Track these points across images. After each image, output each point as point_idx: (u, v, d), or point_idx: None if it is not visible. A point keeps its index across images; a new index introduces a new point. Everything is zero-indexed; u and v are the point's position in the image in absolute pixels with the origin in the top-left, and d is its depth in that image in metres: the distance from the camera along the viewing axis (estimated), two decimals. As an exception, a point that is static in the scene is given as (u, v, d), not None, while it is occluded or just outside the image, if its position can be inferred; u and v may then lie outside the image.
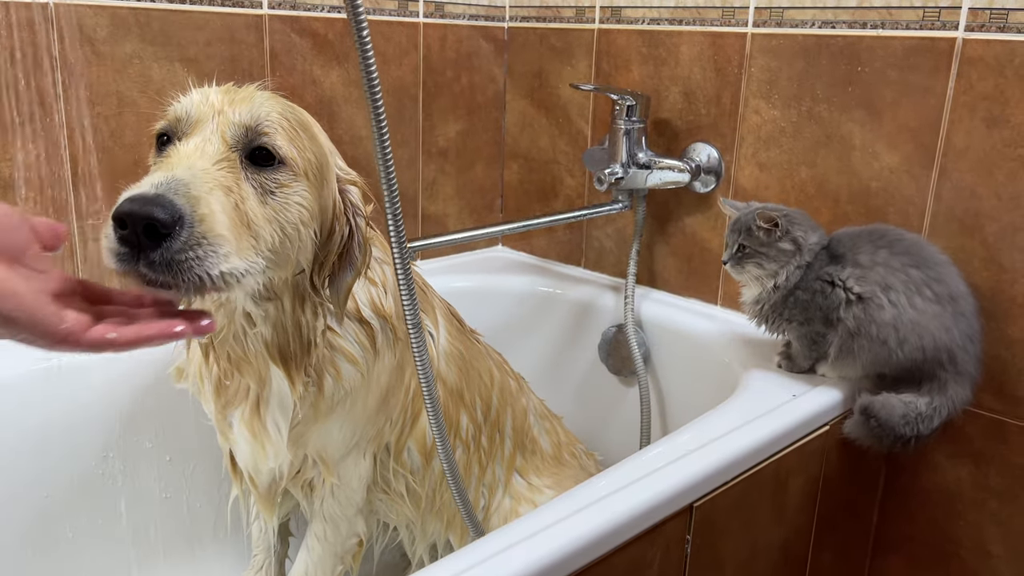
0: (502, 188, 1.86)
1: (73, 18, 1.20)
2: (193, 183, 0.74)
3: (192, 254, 0.71)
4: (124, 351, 0.65)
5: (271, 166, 0.82)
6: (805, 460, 1.14)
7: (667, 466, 0.95)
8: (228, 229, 0.74)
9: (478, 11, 1.70)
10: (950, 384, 1.12)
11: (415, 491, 1.16)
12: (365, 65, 0.76)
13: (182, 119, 0.83)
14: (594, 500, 0.88)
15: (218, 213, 0.74)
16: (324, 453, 1.04)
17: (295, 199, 0.83)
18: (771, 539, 1.15)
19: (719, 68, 1.44)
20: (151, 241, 0.69)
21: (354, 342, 0.99)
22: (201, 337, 0.90)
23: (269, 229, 0.80)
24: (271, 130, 0.82)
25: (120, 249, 0.71)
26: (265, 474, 1.06)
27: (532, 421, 1.34)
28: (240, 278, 0.76)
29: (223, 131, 0.81)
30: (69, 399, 1.21)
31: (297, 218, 0.83)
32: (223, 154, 0.79)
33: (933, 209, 1.24)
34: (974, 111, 1.18)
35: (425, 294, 1.18)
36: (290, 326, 0.92)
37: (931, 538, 1.33)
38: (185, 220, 0.71)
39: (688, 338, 1.49)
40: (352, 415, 1.02)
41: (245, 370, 0.95)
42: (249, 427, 1.00)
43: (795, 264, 1.17)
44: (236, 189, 0.78)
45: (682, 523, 0.95)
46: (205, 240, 0.72)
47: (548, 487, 1.31)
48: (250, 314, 0.90)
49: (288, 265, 0.85)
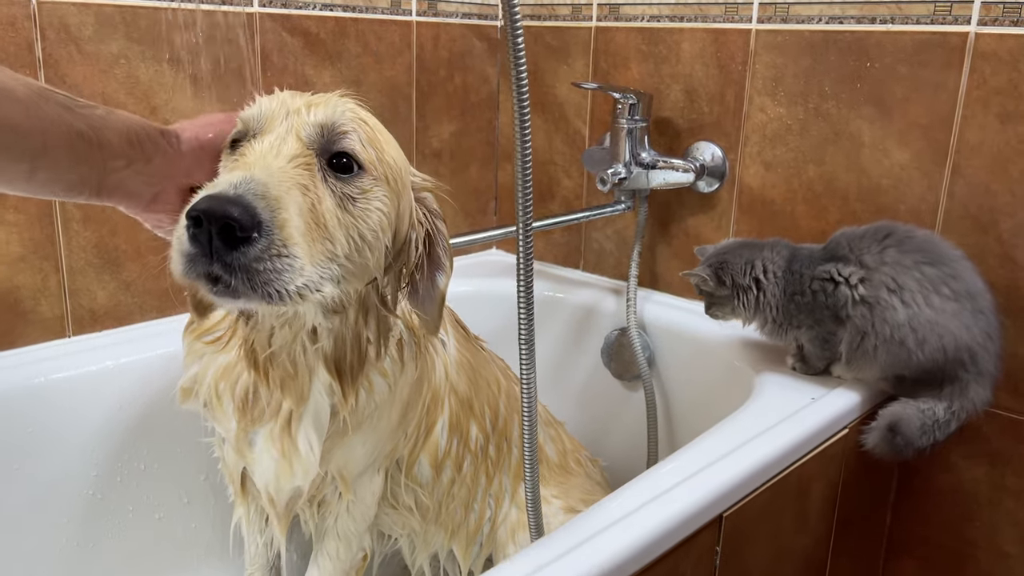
0: (496, 190, 1.82)
1: (57, 16, 1.14)
2: (271, 183, 0.70)
3: (270, 265, 0.68)
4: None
5: (352, 174, 0.78)
6: (826, 465, 1.11)
7: (696, 475, 0.92)
8: (303, 235, 0.71)
9: (471, 9, 1.67)
10: (971, 385, 1.10)
11: (423, 504, 1.12)
12: (516, 73, 0.72)
13: (254, 119, 0.79)
14: (627, 513, 0.84)
15: (295, 217, 0.70)
16: (345, 470, 1.00)
17: (376, 204, 0.79)
18: (794, 546, 1.12)
19: (722, 65, 1.41)
20: (226, 244, 0.66)
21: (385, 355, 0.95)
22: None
23: (345, 235, 0.76)
24: (349, 131, 0.79)
25: (191, 249, 0.68)
26: (287, 492, 1.00)
27: (538, 428, 1.30)
28: (315, 290, 0.73)
29: (298, 130, 0.77)
30: (56, 418, 1.16)
31: (377, 224, 0.79)
32: (299, 151, 0.76)
33: (946, 206, 1.23)
34: (988, 106, 1.17)
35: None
36: (350, 338, 0.88)
37: (946, 539, 1.32)
38: (264, 226, 0.68)
39: (693, 341, 1.46)
40: (377, 430, 0.98)
41: (288, 387, 0.90)
42: (278, 444, 0.95)
43: (763, 291, 1.19)
44: (313, 188, 0.74)
45: (712, 533, 0.92)
46: (285, 250, 0.69)
47: (555, 496, 1.27)
48: (316, 328, 0.86)
49: (364, 275, 0.81)
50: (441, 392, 1.09)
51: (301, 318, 0.85)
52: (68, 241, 1.21)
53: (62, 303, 1.23)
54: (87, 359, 1.20)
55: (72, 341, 1.24)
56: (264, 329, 0.87)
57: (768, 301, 1.19)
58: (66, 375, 1.18)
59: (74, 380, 1.18)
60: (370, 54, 1.51)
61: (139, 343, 1.25)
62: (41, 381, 1.16)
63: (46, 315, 1.22)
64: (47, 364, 1.17)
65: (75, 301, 1.24)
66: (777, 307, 1.19)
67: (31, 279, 1.19)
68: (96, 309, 1.26)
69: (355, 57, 1.49)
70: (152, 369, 1.23)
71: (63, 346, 1.23)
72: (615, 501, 0.88)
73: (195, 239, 0.67)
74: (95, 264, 1.24)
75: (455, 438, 1.11)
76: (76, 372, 1.18)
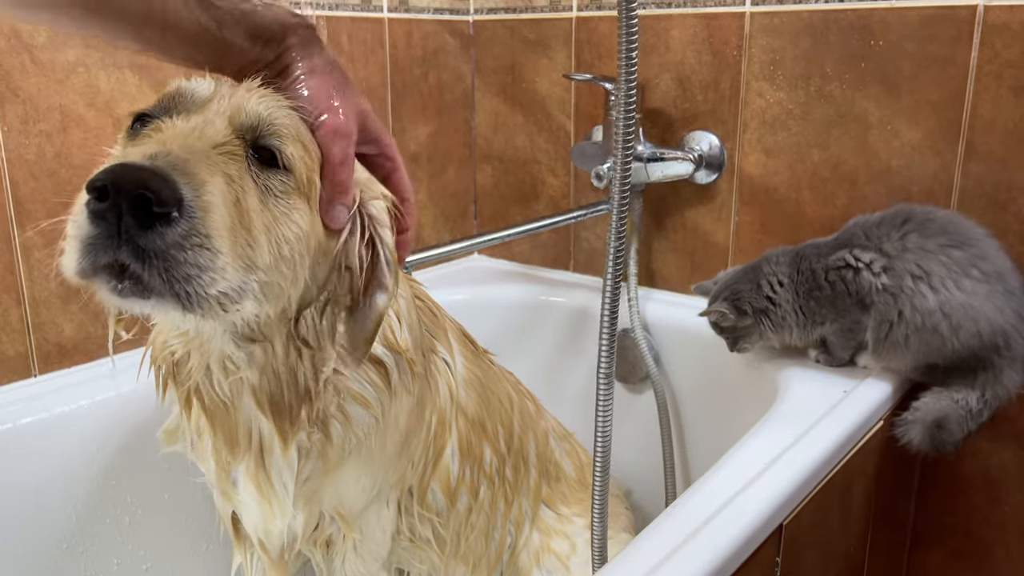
0: (475, 193, 1.74)
1: (6, 22, 1.02)
2: (193, 161, 0.59)
3: (191, 257, 0.56)
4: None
5: (276, 168, 0.67)
6: (865, 460, 1.06)
7: (752, 484, 0.86)
8: (228, 230, 0.59)
9: (442, 3, 1.58)
10: (1005, 371, 1.07)
11: (441, 535, 1.04)
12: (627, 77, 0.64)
13: (183, 96, 0.68)
14: (690, 535, 0.77)
15: (220, 205, 0.59)
16: (342, 508, 0.90)
17: (295, 215, 0.68)
18: (839, 547, 1.07)
19: (715, 51, 1.36)
20: (139, 223, 0.54)
21: (364, 383, 0.84)
22: None
23: (266, 239, 0.64)
24: (284, 133, 0.67)
25: (93, 231, 0.55)
26: (276, 536, 0.90)
27: (553, 444, 1.23)
28: (234, 302, 0.61)
29: (231, 115, 0.66)
30: (28, 467, 1.04)
31: (294, 237, 0.67)
32: (227, 138, 0.64)
33: (961, 185, 1.19)
34: (1001, 80, 1.13)
35: (436, 316, 1.06)
36: (284, 373, 0.76)
37: (973, 526, 1.28)
38: (185, 206, 0.56)
39: (700, 339, 1.39)
40: (370, 463, 0.88)
41: (219, 423, 0.80)
42: (255, 482, 0.85)
43: (778, 305, 1.15)
44: (238, 180, 0.63)
45: (773, 545, 0.86)
46: (208, 241, 0.57)
47: (577, 515, 1.20)
48: (230, 356, 0.75)
49: (279, 299, 0.69)
50: (447, 415, 1.00)
51: (207, 342, 0.73)
52: (29, 271, 1.09)
53: (26, 339, 1.11)
54: (57, 399, 1.09)
55: (39, 381, 1.13)
56: (169, 348, 0.76)
57: (786, 311, 1.15)
58: (35, 418, 1.06)
59: (45, 423, 1.07)
60: (342, 54, 1.42)
61: (114, 378, 1.14)
62: (8, 427, 1.04)
63: (8, 353, 1.10)
64: (13, 408, 1.06)
65: (40, 336, 1.12)
66: (796, 311, 1.14)
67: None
68: (64, 343, 1.14)
69: (327, 58, 1.40)
70: (130, 405, 1.12)
71: (29, 387, 1.11)
72: (672, 521, 0.81)
73: (98, 217, 0.55)
74: (60, 294, 1.13)
75: (468, 462, 1.03)
76: (46, 415, 1.07)
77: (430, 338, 1.01)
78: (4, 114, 1.04)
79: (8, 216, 1.06)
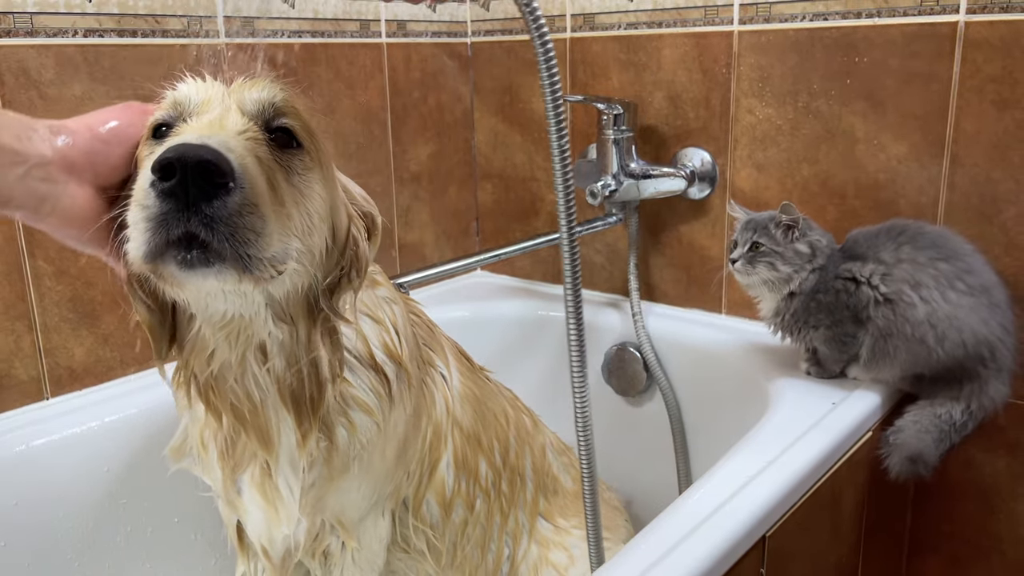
0: (477, 210, 1.77)
1: (16, 60, 1.07)
2: (231, 142, 0.64)
3: (248, 223, 0.62)
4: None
5: (292, 148, 0.72)
6: (854, 471, 1.08)
7: (735, 497, 0.88)
8: (268, 203, 0.65)
9: (440, 27, 1.62)
10: (991, 382, 1.09)
11: (436, 546, 1.07)
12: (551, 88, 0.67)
13: (187, 99, 0.72)
14: (670, 547, 0.80)
15: (259, 178, 0.64)
16: (343, 516, 0.93)
17: (316, 187, 0.73)
18: (829, 557, 1.09)
19: (705, 69, 1.39)
20: (203, 194, 0.59)
21: (368, 390, 0.88)
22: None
23: (297, 212, 0.70)
24: (289, 112, 0.72)
25: (163, 208, 0.60)
26: (280, 543, 0.93)
27: (551, 458, 1.25)
28: (283, 262, 0.66)
29: (240, 105, 0.71)
30: (41, 488, 1.08)
31: (320, 208, 0.73)
32: (245, 126, 0.69)
33: (947, 197, 1.21)
34: (983, 94, 1.15)
35: (432, 332, 1.09)
36: (305, 361, 0.79)
37: (970, 534, 1.29)
38: (238, 177, 0.61)
39: (698, 351, 1.42)
40: (371, 472, 0.91)
41: (250, 424, 0.82)
42: (260, 490, 0.88)
43: (809, 268, 1.13)
44: (266, 160, 0.68)
45: (756, 556, 0.88)
46: (258, 210, 0.62)
47: (575, 527, 1.22)
48: (264, 344, 0.78)
49: (311, 267, 0.74)
50: (443, 427, 1.03)
51: (250, 325, 0.76)
52: (40, 298, 1.13)
53: (38, 364, 1.15)
54: (69, 421, 1.13)
55: (51, 403, 1.17)
56: (204, 348, 0.78)
57: (804, 282, 1.13)
58: (47, 440, 1.10)
59: (57, 445, 1.10)
60: (342, 80, 1.46)
61: (123, 399, 1.18)
62: (22, 449, 1.08)
63: (21, 378, 1.14)
64: (27, 430, 1.10)
65: (52, 360, 1.16)
66: (804, 293, 1.13)
67: (2, 341, 1.11)
68: (75, 367, 1.18)
69: (327, 83, 1.44)
70: (139, 426, 1.16)
71: (42, 409, 1.15)
72: (655, 534, 0.83)
73: (167, 194, 0.60)
74: (70, 319, 1.17)
75: (463, 475, 1.06)
76: (58, 436, 1.11)
77: (427, 351, 1.04)
78: (14, 148, 1.08)
79: (19, 245, 1.11)
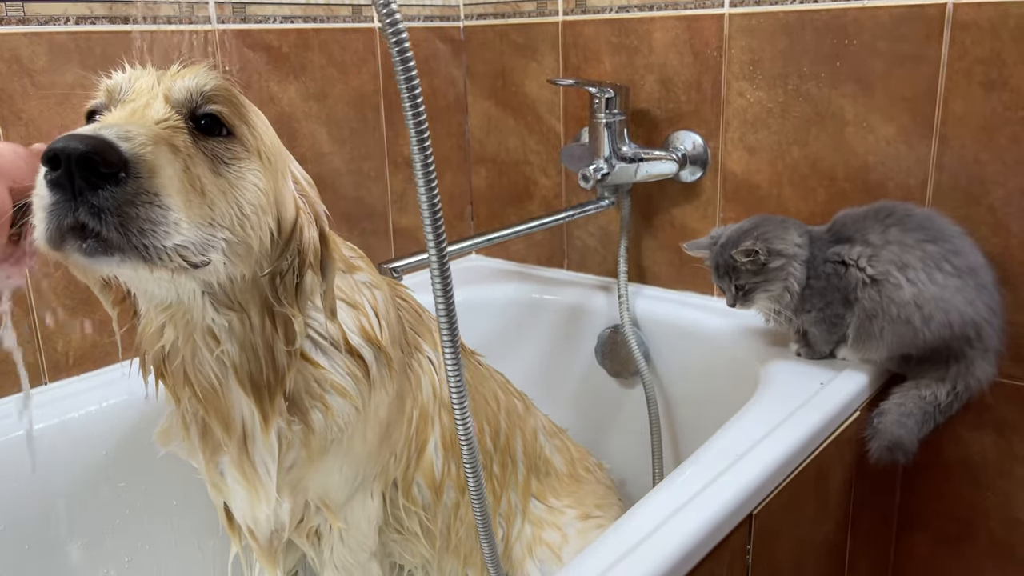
0: (471, 195, 1.78)
1: (8, 49, 1.08)
2: (135, 131, 0.64)
3: (143, 212, 0.62)
4: None
5: (221, 136, 0.72)
6: (841, 449, 1.10)
7: (722, 475, 0.90)
8: (179, 191, 0.65)
9: (432, 11, 1.62)
10: (977, 362, 1.10)
11: (429, 529, 1.08)
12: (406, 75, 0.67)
13: (116, 90, 0.73)
14: (658, 524, 0.81)
15: (167, 167, 0.64)
16: (327, 497, 0.95)
17: (250, 177, 0.73)
18: (816, 534, 1.11)
19: (697, 52, 1.39)
20: (90, 184, 0.60)
21: (344, 374, 0.89)
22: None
23: (225, 202, 0.70)
24: (219, 99, 0.72)
25: (52, 198, 0.61)
26: (264, 524, 0.95)
27: (543, 441, 1.27)
28: (198, 254, 0.67)
29: (165, 93, 0.71)
30: (41, 472, 1.09)
31: (254, 199, 0.73)
32: (166, 115, 0.69)
33: (935, 179, 1.22)
34: (971, 76, 1.16)
35: (420, 316, 1.10)
36: (261, 347, 0.80)
37: (958, 512, 1.31)
38: (131, 166, 0.61)
39: (689, 333, 1.44)
40: (351, 453, 0.93)
41: (211, 406, 0.83)
42: (239, 469, 0.89)
43: (793, 269, 1.14)
44: (184, 149, 0.68)
45: (743, 534, 0.90)
46: (157, 199, 0.63)
47: (568, 507, 1.24)
48: (212, 328, 0.79)
49: (249, 258, 0.74)
50: (430, 410, 1.05)
51: (189, 311, 0.77)
52: (38, 283, 1.15)
53: (36, 349, 1.16)
54: (68, 405, 1.14)
55: (50, 388, 1.18)
56: (150, 324, 0.80)
57: (798, 280, 1.14)
58: (47, 424, 1.11)
59: (56, 429, 1.12)
60: (335, 65, 1.46)
61: (122, 383, 1.19)
62: (21, 433, 1.09)
63: (20, 363, 1.15)
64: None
65: (49, 346, 1.18)
66: (801, 286, 1.15)
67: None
68: (72, 352, 1.20)
69: (319, 69, 1.45)
70: (137, 410, 1.17)
71: (41, 394, 1.16)
72: (643, 512, 0.85)
73: (55, 185, 0.61)
74: (67, 305, 1.18)
75: (452, 458, 1.07)
76: (58, 420, 1.12)
77: (414, 335, 1.05)
78: (8, 136, 1.09)
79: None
